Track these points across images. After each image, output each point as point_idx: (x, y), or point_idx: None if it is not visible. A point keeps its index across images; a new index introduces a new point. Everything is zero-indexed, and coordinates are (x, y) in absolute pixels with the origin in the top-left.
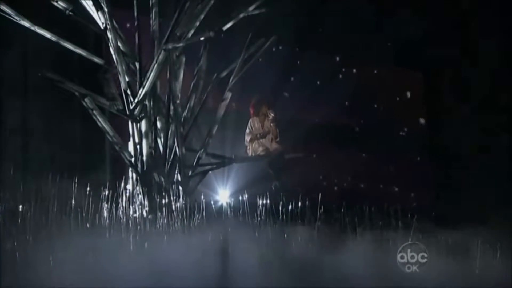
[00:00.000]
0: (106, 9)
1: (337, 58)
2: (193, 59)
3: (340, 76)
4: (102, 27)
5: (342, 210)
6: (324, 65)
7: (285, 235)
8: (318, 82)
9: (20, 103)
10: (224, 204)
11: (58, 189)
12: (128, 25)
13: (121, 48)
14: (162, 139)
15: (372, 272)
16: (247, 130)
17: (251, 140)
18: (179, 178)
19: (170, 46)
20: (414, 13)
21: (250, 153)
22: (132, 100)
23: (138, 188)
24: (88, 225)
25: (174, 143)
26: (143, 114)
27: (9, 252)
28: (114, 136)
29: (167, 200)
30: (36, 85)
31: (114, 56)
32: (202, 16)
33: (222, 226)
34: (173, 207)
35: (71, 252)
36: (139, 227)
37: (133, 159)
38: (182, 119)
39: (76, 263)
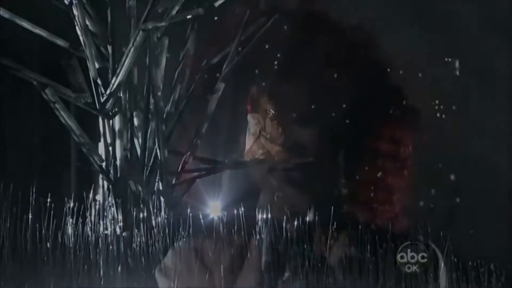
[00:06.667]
0: None
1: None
2: (178, 42)
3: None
4: (66, 1)
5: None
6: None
7: (290, 257)
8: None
9: None
10: (216, 219)
11: (12, 201)
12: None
13: (90, 27)
14: (140, 140)
15: None
16: (252, 130)
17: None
18: (161, 187)
19: (150, 25)
20: None
21: (247, 157)
22: (103, 91)
23: (110, 199)
24: (48, 244)
25: (155, 144)
26: (116, 109)
27: None
28: (81, 136)
29: (145, 214)
30: None
31: (81, 38)
32: None
33: (213, 246)
34: (153, 222)
35: (27, 278)
36: (111, 247)
37: (104, 164)
38: (164, 115)
39: None
